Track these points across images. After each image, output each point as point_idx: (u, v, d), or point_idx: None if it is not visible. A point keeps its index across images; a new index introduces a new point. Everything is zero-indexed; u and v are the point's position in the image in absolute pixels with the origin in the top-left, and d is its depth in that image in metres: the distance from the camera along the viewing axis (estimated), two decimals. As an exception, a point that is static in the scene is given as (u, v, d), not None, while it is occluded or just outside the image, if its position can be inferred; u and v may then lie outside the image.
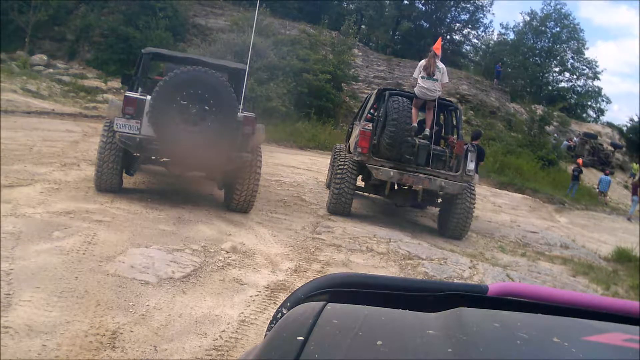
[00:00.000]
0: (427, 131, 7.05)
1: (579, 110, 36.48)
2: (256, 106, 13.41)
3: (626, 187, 22.64)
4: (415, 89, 7.19)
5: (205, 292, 3.76)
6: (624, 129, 31.36)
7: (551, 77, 38.48)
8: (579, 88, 38.03)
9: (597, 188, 19.30)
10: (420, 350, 0.52)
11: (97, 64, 18.82)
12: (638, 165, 24.99)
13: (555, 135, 24.45)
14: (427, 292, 0.73)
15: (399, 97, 7.01)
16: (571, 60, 37.76)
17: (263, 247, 5.10)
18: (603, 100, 38.31)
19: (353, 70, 21.66)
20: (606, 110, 47.06)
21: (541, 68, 36.95)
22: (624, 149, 28.21)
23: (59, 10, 19.29)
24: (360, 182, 7.65)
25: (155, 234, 4.80)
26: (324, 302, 0.64)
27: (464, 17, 36.18)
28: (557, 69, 38.13)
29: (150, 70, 7.86)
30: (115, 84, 16.46)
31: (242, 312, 3.53)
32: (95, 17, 19.50)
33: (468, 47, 39.17)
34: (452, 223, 7.22)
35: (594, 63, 37.29)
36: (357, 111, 9.42)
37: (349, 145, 8.19)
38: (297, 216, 6.78)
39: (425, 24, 34.73)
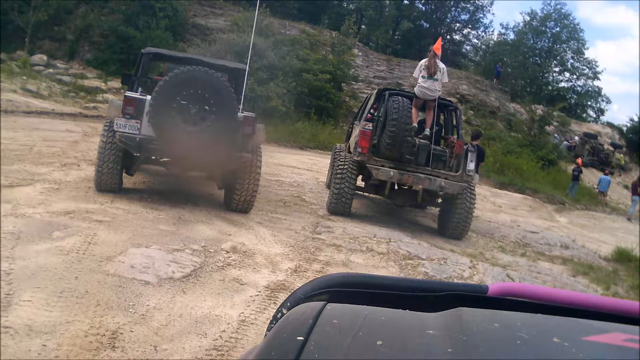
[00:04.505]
0: (427, 131, 7.05)
1: (579, 110, 36.53)
2: (256, 106, 13.40)
3: (626, 187, 22.64)
4: (415, 88, 7.19)
5: (205, 292, 3.76)
6: (624, 129, 31.38)
7: (551, 77, 38.55)
8: (579, 88, 38.10)
9: (597, 188, 19.31)
10: (420, 350, 0.52)
11: (97, 64, 18.81)
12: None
13: (556, 135, 24.47)
14: (427, 292, 0.73)
15: (399, 97, 7.00)
16: (571, 60, 37.85)
17: (263, 247, 5.10)
18: (603, 100, 38.40)
19: (353, 70, 21.66)
20: (606, 110, 47.10)
21: (541, 68, 36.98)
22: (624, 149, 28.24)
23: (59, 10, 19.28)
24: (360, 182, 7.65)
25: (155, 234, 4.80)
26: (324, 302, 0.64)
27: (464, 17, 36.25)
28: (557, 69, 38.21)
29: (150, 70, 7.86)
30: (115, 84, 16.45)
31: (242, 312, 3.53)
32: (95, 17, 19.49)
33: (468, 47, 39.26)
34: (452, 223, 7.21)
35: (593, 63, 37.39)
36: (357, 111, 9.42)
37: (349, 145, 8.18)
38: (297, 216, 6.78)
39: (425, 24, 34.75)
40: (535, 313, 0.65)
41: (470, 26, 36.95)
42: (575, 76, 37.96)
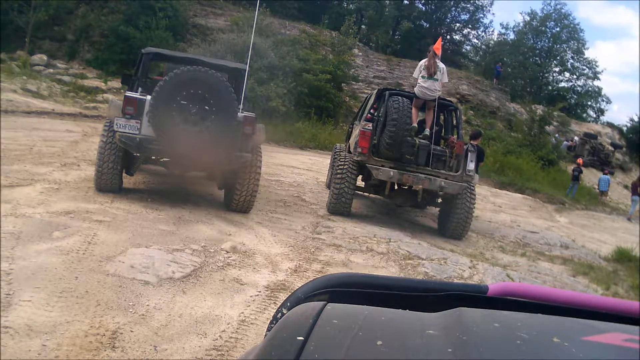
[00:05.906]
0: (427, 131, 7.05)
1: (579, 110, 36.52)
2: (256, 106, 13.40)
3: (626, 187, 22.65)
4: (415, 89, 7.19)
5: (205, 292, 3.75)
6: (624, 129, 31.37)
7: (551, 77, 38.57)
8: (579, 88, 38.11)
9: (597, 188, 19.30)
10: (420, 350, 0.52)
11: (97, 64, 18.81)
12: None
13: (556, 135, 24.46)
14: (427, 292, 0.73)
15: (399, 97, 7.01)
16: (571, 60, 37.86)
17: (263, 247, 5.10)
18: (603, 100, 38.41)
19: (353, 70, 21.65)
20: (606, 110, 47.09)
21: (541, 68, 37.00)
22: (624, 149, 28.24)
23: (59, 10, 19.26)
24: (360, 182, 7.65)
25: (155, 234, 4.80)
26: (324, 302, 0.64)
27: (464, 17, 36.26)
28: (557, 69, 38.24)
29: (150, 70, 7.86)
30: (115, 84, 16.45)
31: (242, 312, 3.53)
32: (95, 17, 19.49)
33: (468, 47, 39.27)
34: (452, 223, 7.22)
35: (593, 63, 37.40)
36: (357, 111, 9.42)
37: (349, 145, 8.19)
38: (297, 216, 6.78)
39: (425, 24, 34.77)
40: (535, 313, 0.65)
41: (470, 26, 36.98)
42: (575, 76, 38.00)
